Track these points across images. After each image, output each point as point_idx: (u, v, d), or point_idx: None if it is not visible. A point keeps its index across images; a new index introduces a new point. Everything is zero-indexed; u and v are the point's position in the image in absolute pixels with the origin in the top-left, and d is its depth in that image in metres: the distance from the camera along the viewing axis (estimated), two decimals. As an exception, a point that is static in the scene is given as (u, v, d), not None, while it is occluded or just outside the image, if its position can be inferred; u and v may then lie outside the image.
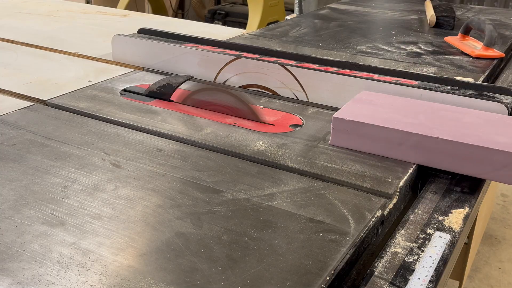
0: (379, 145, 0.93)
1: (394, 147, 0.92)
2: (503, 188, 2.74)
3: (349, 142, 0.96)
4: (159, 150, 0.93)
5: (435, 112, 0.99)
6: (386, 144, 0.92)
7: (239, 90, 1.22)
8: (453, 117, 0.97)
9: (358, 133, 0.94)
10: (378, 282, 0.65)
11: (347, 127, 0.95)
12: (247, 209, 0.75)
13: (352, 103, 1.02)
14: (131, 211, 0.74)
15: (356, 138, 0.95)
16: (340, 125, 0.95)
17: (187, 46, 1.37)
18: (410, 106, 1.02)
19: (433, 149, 0.89)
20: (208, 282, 0.61)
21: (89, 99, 1.14)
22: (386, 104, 1.02)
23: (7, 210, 0.74)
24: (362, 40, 1.66)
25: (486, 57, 1.48)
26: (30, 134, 0.97)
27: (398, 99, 1.05)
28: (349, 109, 0.99)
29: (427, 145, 0.89)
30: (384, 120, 0.94)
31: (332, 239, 0.69)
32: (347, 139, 0.95)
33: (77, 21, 1.98)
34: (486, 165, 0.86)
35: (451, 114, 0.98)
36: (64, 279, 0.61)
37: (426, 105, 1.02)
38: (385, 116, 0.96)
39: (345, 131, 0.95)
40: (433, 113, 0.98)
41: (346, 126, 0.95)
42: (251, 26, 3.72)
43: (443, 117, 0.97)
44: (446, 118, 0.96)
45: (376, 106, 1.01)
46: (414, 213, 0.80)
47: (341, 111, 0.98)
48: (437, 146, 0.88)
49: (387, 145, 0.92)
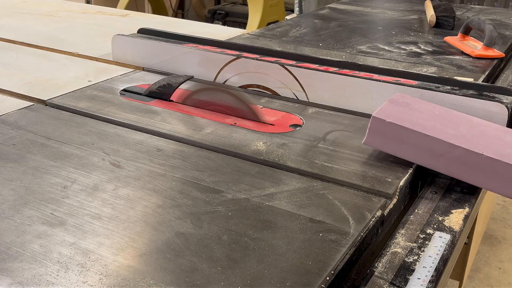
0: (418, 152, 0.88)
1: (434, 157, 0.87)
2: (503, 188, 2.74)
3: (385, 144, 0.91)
4: (159, 150, 0.93)
5: (475, 127, 0.94)
6: (426, 153, 0.88)
7: (239, 90, 1.22)
8: (494, 134, 0.92)
9: (398, 137, 0.90)
10: (378, 282, 0.65)
11: (387, 129, 0.90)
12: (247, 209, 0.75)
13: (390, 104, 0.97)
14: (131, 211, 0.74)
15: (393, 142, 0.90)
16: (378, 125, 0.91)
17: (187, 46, 1.37)
18: (448, 115, 0.97)
19: (475, 165, 0.84)
20: (208, 282, 0.61)
21: (89, 99, 1.14)
22: (424, 110, 0.97)
23: (7, 210, 0.74)
24: (362, 40, 1.66)
25: (486, 57, 1.48)
26: (30, 134, 0.97)
27: (435, 106, 1.00)
28: (388, 110, 0.94)
29: (469, 160, 0.85)
30: (426, 127, 0.89)
31: (332, 239, 0.69)
32: (383, 141, 0.91)
33: (77, 21, 1.98)
34: None
35: (491, 130, 0.94)
36: (64, 279, 0.61)
37: (464, 117, 0.97)
38: (426, 123, 0.91)
39: (383, 133, 0.91)
40: (472, 126, 0.94)
41: (386, 127, 0.90)
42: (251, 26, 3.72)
43: (484, 132, 0.92)
44: (487, 134, 0.92)
45: (414, 111, 0.96)
46: (414, 213, 0.80)
47: (380, 111, 0.93)
48: (480, 162, 0.84)
49: (427, 154, 0.88)
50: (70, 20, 1.98)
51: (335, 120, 1.09)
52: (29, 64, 1.42)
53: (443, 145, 0.86)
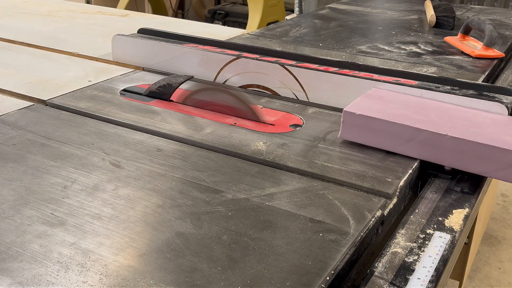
0: (388, 140, 0.94)
1: (403, 143, 0.92)
2: (503, 188, 2.74)
3: (358, 136, 0.97)
4: (159, 150, 0.93)
5: (446, 111, 0.99)
6: (395, 140, 0.93)
7: (239, 90, 1.22)
8: (463, 116, 0.97)
9: (368, 127, 0.95)
10: (378, 282, 0.65)
11: (357, 121, 0.96)
12: (247, 209, 0.75)
13: (363, 98, 1.04)
14: (131, 211, 0.74)
15: (365, 133, 0.96)
16: (350, 119, 0.96)
17: (187, 46, 1.37)
18: (421, 104, 1.03)
19: (441, 146, 0.90)
20: (208, 282, 0.61)
21: (89, 99, 1.14)
22: (397, 101, 1.03)
23: (7, 210, 0.74)
24: (362, 40, 1.66)
25: (486, 57, 1.48)
26: (30, 134, 0.97)
27: (409, 97, 1.06)
28: (360, 104, 1.00)
29: (436, 142, 0.90)
30: (394, 116, 0.95)
31: (332, 239, 0.69)
32: (356, 133, 0.96)
33: (77, 21, 1.98)
34: (493, 163, 0.86)
35: (461, 113, 0.99)
36: (64, 279, 0.61)
37: (437, 104, 1.03)
38: (396, 112, 0.97)
39: (355, 125, 0.96)
40: (443, 111, 0.99)
41: (356, 120, 0.96)
42: (251, 26, 3.72)
43: (453, 116, 0.97)
44: (456, 117, 0.97)
45: (387, 102, 1.02)
46: (414, 213, 0.80)
47: (351, 106, 0.99)
48: (445, 144, 0.89)
49: (396, 140, 0.93)
50: (70, 20, 1.98)
51: (335, 120, 1.09)
52: (29, 64, 1.42)
53: (410, 130, 0.92)
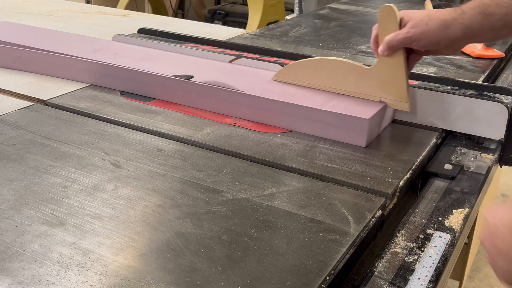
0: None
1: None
2: (503, 188, 2.74)
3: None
4: (159, 150, 0.93)
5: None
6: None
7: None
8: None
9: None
10: (378, 282, 0.65)
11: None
12: (247, 209, 0.75)
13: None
14: (131, 211, 0.74)
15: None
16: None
17: (187, 46, 1.37)
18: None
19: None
20: (208, 282, 0.61)
21: (89, 99, 1.14)
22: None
23: (7, 210, 0.74)
24: (362, 40, 1.65)
25: (486, 57, 1.48)
26: (30, 134, 0.97)
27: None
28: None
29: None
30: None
31: (332, 239, 0.69)
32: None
33: (77, 21, 1.98)
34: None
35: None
36: (64, 279, 0.61)
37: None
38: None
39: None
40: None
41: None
42: (251, 26, 3.71)
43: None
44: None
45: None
46: (414, 213, 0.80)
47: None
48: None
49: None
50: (70, 20, 1.98)
51: (335, 120, 1.09)
52: (29, 64, 1.42)
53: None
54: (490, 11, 0.85)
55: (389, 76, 0.99)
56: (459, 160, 0.95)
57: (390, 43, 0.94)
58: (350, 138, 0.96)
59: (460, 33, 0.88)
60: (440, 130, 1.05)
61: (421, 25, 0.90)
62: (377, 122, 1.00)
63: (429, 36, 0.89)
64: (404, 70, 0.97)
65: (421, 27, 0.90)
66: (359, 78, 1.03)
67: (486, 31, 0.87)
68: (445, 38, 0.89)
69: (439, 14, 0.89)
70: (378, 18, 0.96)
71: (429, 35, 0.89)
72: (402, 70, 0.97)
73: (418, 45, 0.92)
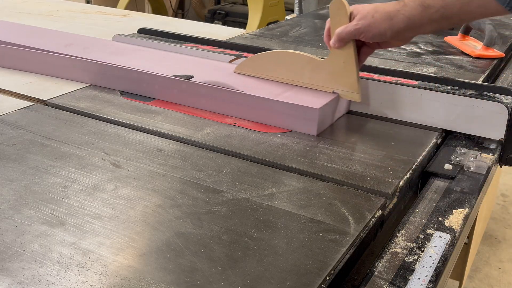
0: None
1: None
2: (503, 188, 2.74)
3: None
4: (159, 150, 0.93)
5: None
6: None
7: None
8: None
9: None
10: (378, 282, 0.65)
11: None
12: (247, 209, 0.75)
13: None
14: (131, 211, 0.74)
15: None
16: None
17: (187, 46, 1.37)
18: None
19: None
20: (208, 282, 0.61)
21: (89, 99, 1.14)
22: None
23: (7, 210, 0.74)
24: (362, 40, 1.65)
25: (486, 57, 1.48)
26: (30, 134, 0.97)
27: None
28: None
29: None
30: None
31: (332, 239, 0.69)
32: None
33: (77, 21, 1.98)
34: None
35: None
36: (64, 279, 0.61)
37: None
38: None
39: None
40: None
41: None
42: (251, 26, 3.71)
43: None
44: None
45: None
46: (414, 213, 0.80)
47: None
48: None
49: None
50: (70, 20, 1.98)
51: (335, 120, 1.09)
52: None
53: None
54: (428, 3, 0.89)
55: (341, 68, 1.04)
56: (459, 160, 0.95)
57: (340, 35, 0.99)
58: (302, 127, 1.01)
59: (403, 25, 0.92)
60: (440, 130, 1.05)
61: (367, 17, 0.95)
62: (329, 112, 1.05)
63: (375, 27, 0.94)
64: (354, 61, 1.02)
65: (368, 19, 0.95)
66: (314, 70, 1.08)
67: (426, 23, 0.92)
68: (390, 29, 0.93)
69: (384, 7, 0.94)
70: (330, 12, 1.02)
71: (375, 27, 0.94)
72: (352, 62, 1.02)
73: (366, 36, 0.97)
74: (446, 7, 0.88)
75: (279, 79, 1.13)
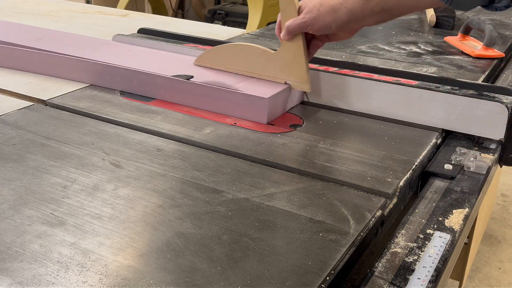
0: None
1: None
2: (503, 188, 2.74)
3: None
4: (159, 150, 0.93)
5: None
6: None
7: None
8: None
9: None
10: (378, 282, 0.65)
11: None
12: (247, 209, 0.75)
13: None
14: (131, 211, 0.74)
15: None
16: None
17: (187, 46, 1.37)
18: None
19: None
20: (208, 282, 0.61)
21: (89, 99, 1.14)
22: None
23: (7, 210, 0.74)
24: (362, 40, 1.65)
25: (486, 57, 1.48)
26: (30, 134, 0.97)
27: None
28: None
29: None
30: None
31: (332, 239, 0.69)
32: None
33: (77, 21, 1.98)
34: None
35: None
36: (64, 279, 0.61)
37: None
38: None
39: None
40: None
41: None
42: (251, 26, 3.71)
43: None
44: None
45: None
46: (414, 213, 0.80)
47: None
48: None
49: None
50: (70, 20, 1.98)
51: (335, 120, 1.09)
52: (29, 64, 1.42)
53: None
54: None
55: (291, 59, 1.09)
56: (459, 160, 0.95)
57: (289, 28, 1.04)
58: (254, 116, 1.06)
59: (345, 18, 0.96)
60: (440, 130, 1.05)
61: (313, 10, 0.99)
62: (280, 102, 1.10)
63: (320, 20, 0.99)
64: (303, 53, 1.07)
65: (314, 12, 0.99)
66: (267, 62, 1.13)
67: (368, 15, 0.95)
68: (334, 22, 0.97)
69: (329, 0, 0.97)
70: (280, 6, 1.06)
71: (321, 20, 0.98)
72: (301, 54, 1.07)
73: (313, 29, 1.01)
74: (386, 0, 0.92)
75: (236, 71, 1.18)
